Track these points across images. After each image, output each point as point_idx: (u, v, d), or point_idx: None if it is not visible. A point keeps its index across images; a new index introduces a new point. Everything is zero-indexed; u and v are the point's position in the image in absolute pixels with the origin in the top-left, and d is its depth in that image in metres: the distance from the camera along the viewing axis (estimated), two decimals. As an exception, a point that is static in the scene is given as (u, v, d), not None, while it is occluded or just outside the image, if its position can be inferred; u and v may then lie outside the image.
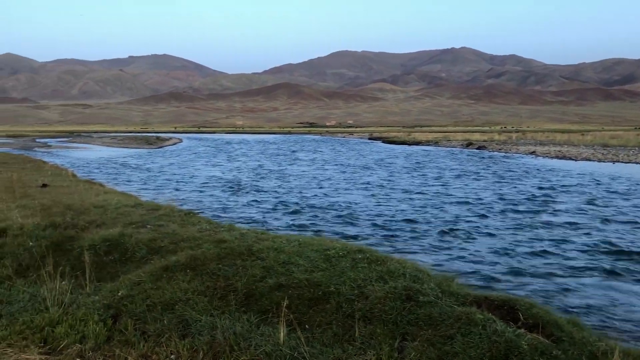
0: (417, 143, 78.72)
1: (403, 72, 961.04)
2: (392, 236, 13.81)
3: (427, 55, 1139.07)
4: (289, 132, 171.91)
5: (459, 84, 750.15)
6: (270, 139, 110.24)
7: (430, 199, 21.31)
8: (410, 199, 21.47)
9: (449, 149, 64.95)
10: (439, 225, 15.22)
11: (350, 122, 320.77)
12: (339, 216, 16.96)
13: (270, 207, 19.13)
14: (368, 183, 27.53)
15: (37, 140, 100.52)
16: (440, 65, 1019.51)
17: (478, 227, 15.14)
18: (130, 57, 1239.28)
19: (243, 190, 24.25)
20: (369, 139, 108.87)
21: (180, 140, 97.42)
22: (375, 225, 15.38)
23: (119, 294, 5.82)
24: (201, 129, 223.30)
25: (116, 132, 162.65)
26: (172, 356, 4.73)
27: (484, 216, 17.03)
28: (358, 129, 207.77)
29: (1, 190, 13.91)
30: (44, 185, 15.44)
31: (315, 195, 22.57)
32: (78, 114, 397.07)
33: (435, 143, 75.92)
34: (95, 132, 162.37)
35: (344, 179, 29.82)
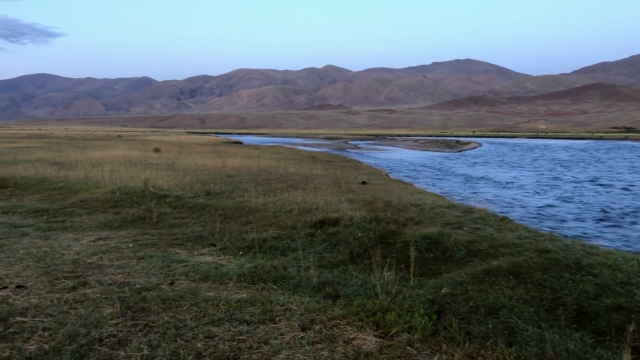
0: None
1: None
2: None
3: None
4: (600, 138, 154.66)
5: None
6: (579, 145, 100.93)
7: None
8: None
9: None
10: None
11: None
12: None
13: None
14: None
15: (349, 142, 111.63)
16: None
17: None
18: (434, 63, 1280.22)
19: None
20: None
21: (480, 145, 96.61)
22: None
23: (442, 291, 5.98)
24: (500, 133, 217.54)
25: (417, 135, 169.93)
26: (498, 362, 4.65)
27: None
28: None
29: (330, 185, 15.84)
30: (364, 183, 17.03)
31: None
32: (383, 118, 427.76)
33: None
34: (398, 135, 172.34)
35: None
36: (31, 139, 65.57)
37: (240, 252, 8.29)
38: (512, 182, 30.52)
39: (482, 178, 32.93)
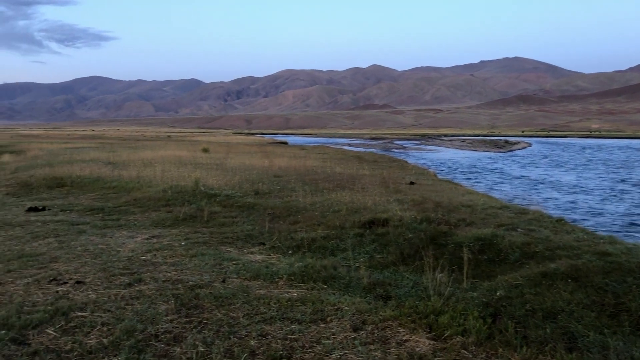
0: None
1: None
2: None
3: None
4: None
5: None
6: (638, 145, 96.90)
7: None
8: None
9: None
10: None
11: None
12: None
13: None
14: None
15: (394, 142, 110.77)
16: None
17: None
18: (481, 61, 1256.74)
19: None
20: None
21: (529, 144, 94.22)
22: None
23: (497, 294, 5.83)
24: (550, 132, 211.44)
25: (464, 135, 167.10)
26: (558, 367, 4.49)
27: None
28: None
29: (378, 185, 15.72)
30: (412, 183, 16.83)
31: None
32: (429, 118, 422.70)
33: None
34: (445, 135, 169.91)
35: None
36: (85, 140, 67.90)
37: (290, 251, 8.32)
38: (575, 186, 28.67)
39: (540, 181, 31.67)
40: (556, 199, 23.13)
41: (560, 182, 30.88)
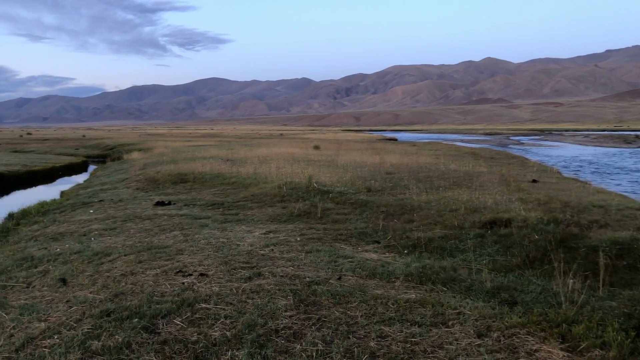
0: None
1: None
2: None
3: None
4: None
5: None
6: None
7: None
8: None
9: None
10: None
11: None
12: None
13: None
14: None
15: (511, 137, 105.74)
16: None
17: None
18: (607, 51, 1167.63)
19: None
20: None
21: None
22: None
23: (641, 304, 5.26)
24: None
25: (587, 130, 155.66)
26: None
27: None
28: None
29: (497, 183, 14.98)
30: (534, 181, 15.86)
31: None
32: (549, 112, 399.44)
33: None
34: (566, 130, 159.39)
35: None
36: (205, 138, 71.71)
37: (405, 251, 8.11)
38: None
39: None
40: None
41: None
